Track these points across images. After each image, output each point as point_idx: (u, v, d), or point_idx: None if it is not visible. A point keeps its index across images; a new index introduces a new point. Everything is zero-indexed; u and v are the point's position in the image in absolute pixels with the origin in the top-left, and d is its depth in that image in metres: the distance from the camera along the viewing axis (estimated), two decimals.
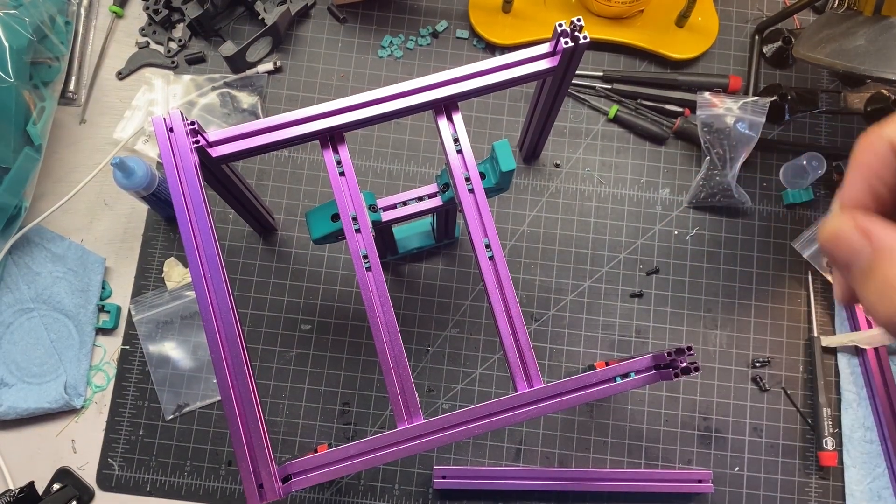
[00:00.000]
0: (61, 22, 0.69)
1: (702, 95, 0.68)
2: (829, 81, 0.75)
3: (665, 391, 0.67)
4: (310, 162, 0.72)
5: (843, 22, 0.59)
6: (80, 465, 0.65)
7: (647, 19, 0.74)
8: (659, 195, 0.72)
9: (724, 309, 0.69)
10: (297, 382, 0.67)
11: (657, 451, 0.66)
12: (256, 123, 0.48)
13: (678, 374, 0.40)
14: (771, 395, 0.67)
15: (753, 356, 0.68)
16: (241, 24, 0.75)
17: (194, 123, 0.47)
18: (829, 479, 0.65)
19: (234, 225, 0.70)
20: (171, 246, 0.69)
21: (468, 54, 0.75)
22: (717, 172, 0.69)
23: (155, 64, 0.74)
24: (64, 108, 0.72)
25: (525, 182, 0.72)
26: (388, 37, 0.75)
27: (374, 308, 0.47)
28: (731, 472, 0.66)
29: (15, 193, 0.64)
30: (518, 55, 0.50)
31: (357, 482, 0.65)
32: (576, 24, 0.48)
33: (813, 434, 0.66)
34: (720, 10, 0.76)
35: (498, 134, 0.73)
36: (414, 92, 0.49)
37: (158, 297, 0.67)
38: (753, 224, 0.71)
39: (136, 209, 0.70)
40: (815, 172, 0.68)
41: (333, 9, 0.75)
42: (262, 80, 0.73)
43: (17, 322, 0.67)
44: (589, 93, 0.74)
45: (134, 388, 0.66)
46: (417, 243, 0.68)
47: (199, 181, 0.46)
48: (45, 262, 0.68)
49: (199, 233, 0.46)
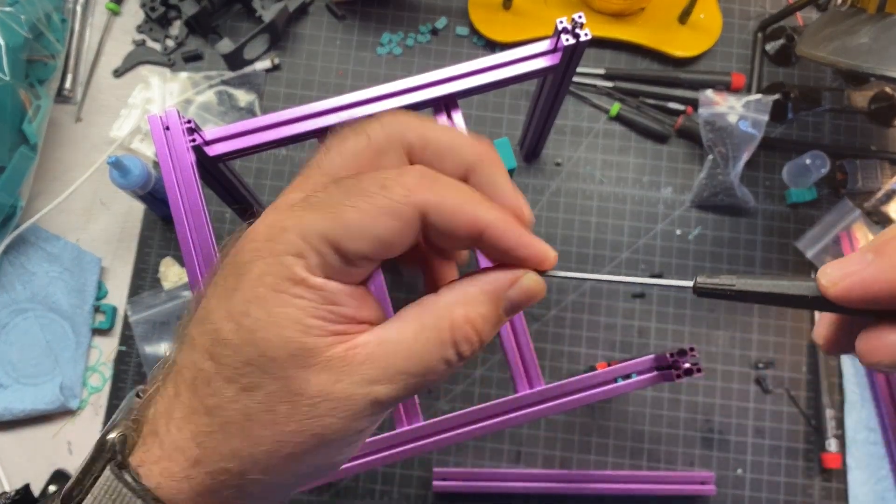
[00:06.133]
0: (57, 19, 0.68)
1: (704, 93, 0.68)
2: (832, 79, 0.75)
3: (667, 392, 0.66)
4: (308, 161, 0.71)
5: (846, 19, 0.59)
6: (76, 467, 0.64)
7: (648, 16, 0.74)
8: (661, 194, 0.71)
9: (726, 309, 0.68)
10: None
11: (659, 453, 0.65)
12: (254, 121, 0.47)
13: (680, 375, 0.40)
14: (774, 397, 0.66)
15: (756, 357, 0.67)
16: (239, 22, 0.75)
17: (191, 122, 0.46)
18: (832, 481, 0.65)
19: (231, 224, 0.69)
20: (167, 245, 0.69)
21: (468, 52, 0.74)
22: (720, 171, 0.68)
23: (151, 62, 0.73)
24: (60, 107, 0.72)
25: (526, 181, 0.71)
26: (387, 34, 0.74)
27: None
28: (733, 474, 0.65)
29: (10, 192, 0.64)
30: (518, 53, 0.49)
31: (355, 485, 0.64)
32: (577, 22, 0.48)
33: (816, 436, 0.65)
34: (723, 7, 0.75)
35: (498, 132, 0.72)
36: (413, 90, 0.49)
37: (155, 297, 0.67)
38: (756, 223, 0.70)
39: (133, 208, 0.70)
40: (819, 171, 0.67)
41: (332, 6, 0.74)
42: (260, 77, 0.72)
43: (13, 322, 0.66)
44: (590, 91, 0.73)
45: (130, 390, 0.65)
46: None
47: (195, 180, 0.46)
48: (40, 261, 0.67)
49: (195, 232, 0.45)
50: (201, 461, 0.24)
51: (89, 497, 0.24)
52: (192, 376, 0.24)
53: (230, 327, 0.23)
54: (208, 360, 0.23)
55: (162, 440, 0.24)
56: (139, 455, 0.25)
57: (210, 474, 0.24)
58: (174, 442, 0.24)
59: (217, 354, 0.23)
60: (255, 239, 0.24)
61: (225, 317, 0.23)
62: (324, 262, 0.23)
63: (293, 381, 0.23)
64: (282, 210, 0.24)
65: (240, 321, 0.23)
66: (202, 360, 0.24)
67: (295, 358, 0.23)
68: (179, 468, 0.24)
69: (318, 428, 0.23)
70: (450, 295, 0.25)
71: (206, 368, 0.23)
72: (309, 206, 0.24)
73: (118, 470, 0.24)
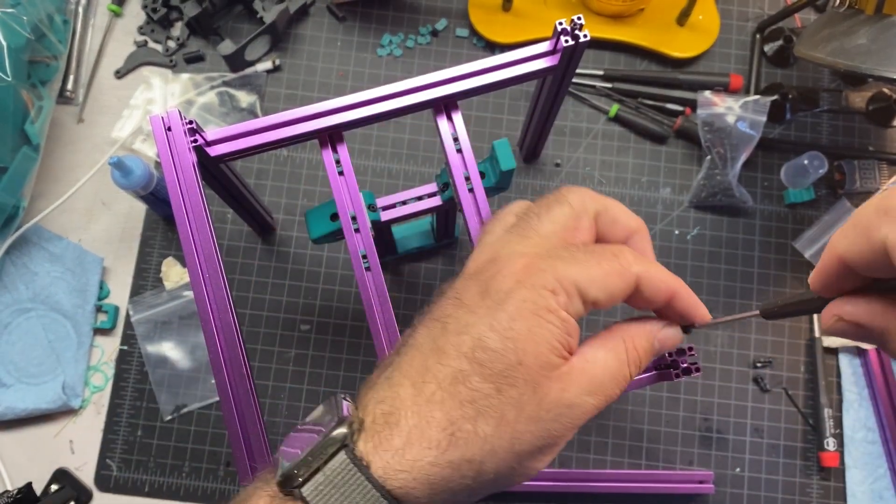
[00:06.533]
0: (59, 20, 0.69)
1: (703, 94, 0.68)
2: (830, 80, 0.75)
3: (666, 392, 0.67)
4: (309, 161, 0.71)
5: (844, 21, 0.59)
6: (77, 466, 0.65)
7: (647, 18, 0.74)
8: (660, 194, 0.71)
9: (724, 309, 0.69)
10: (295, 383, 0.66)
11: (658, 452, 0.66)
12: (255, 122, 0.48)
13: (679, 374, 0.40)
14: (772, 396, 0.67)
15: (754, 357, 0.67)
16: (240, 23, 0.75)
17: (192, 122, 0.46)
18: (830, 479, 0.65)
19: (233, 224, 0.70)
20: (169, 245, 0.69)
21: (468, 53, 0.75)
22: (718, 172, 0.68)
23: (153, 63, 0.74)
24: (62, 107, 0.72)
25: (525, 181, 0.71)
26: (388, 35, 0.74)
27: (374, 308, 0.47)
28: (732, 473, 0.65)
29: (13, 193, 0.64)
30: (518, 54, 0.50)
31: None
32: (576, 23, 0.48)
33: (814, 435, 0.66)
34: (721, 8, 0.75)
35: (498, 133, 0.73)
36: (413, 91, 0.49)
37: (157, 296, 0.67)
38: (754, 224, 0.71)
39: (135, 208, 0.70)
40: (817, 172, 0.68)
41: (332, 7, 0.75)
42: (261, 78, 0.72)
43: (15, 322, 0.66)
44: (589, 92, 0.73)
45: (132, 389, 0.66)
46: (417, 243, 0.67)
47: (197, 180, 0.46)
48: (42, 261, 0.67)
49: (197, 232, 0.46)
50: (450, 447, 0.28)
51: (320, 475, 0.28)
52: (450, 375, 0.29)
53: (494, 337, 0.29)
54: (467, 363, 0.29)
55: (406, 431, 0.28)
56: (367, 447, 0.29)
57: (451, 464, 0.28)
58: (422, 432, 0.28)
59: (478, 358, 0.29)
60: (516, 273, 0.30)
61: (488, 329, 0.29)
62: (569, 301, 0.30)
63: (540, 387, 0.29)
64: (531, 256, 0.31)
65: (503, 333, 0.29)
66: (461, 363, 0.29)
67: (542, 368, 0.29)
68: (421, 456, 0.28)
69: (547, 430, 0.29)
70: (625, 331, 0.33)
71: (466, 369, 0.29)
72: (559, 259, 0.30)
73: (353, 455, 0.28)
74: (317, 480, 0.28)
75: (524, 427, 0.29)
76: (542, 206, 0.33)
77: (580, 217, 0.33)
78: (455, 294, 0.32)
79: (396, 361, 0.31)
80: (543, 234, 0.32)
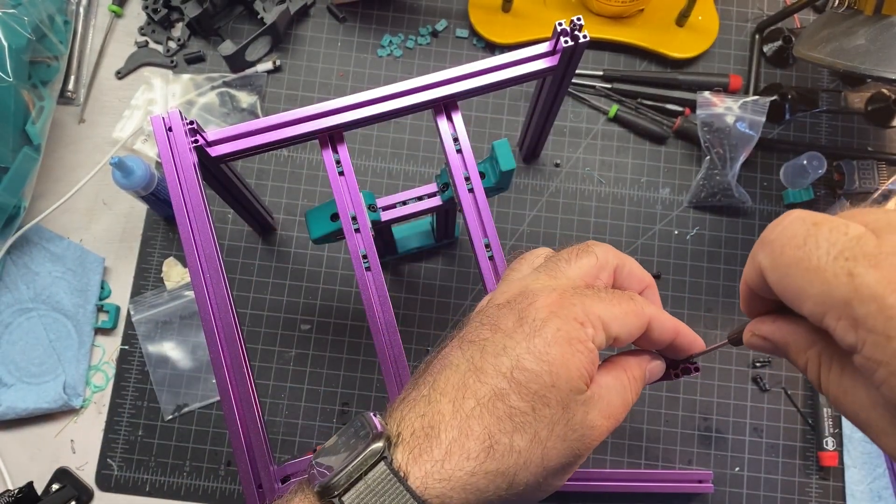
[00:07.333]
0: (60, 21, 0.69)
1: (702, 95, 0.68)
2: (829, 81, 0.75)
3: (665, 391, 0.67)
4: (309, 161, 0.71)
5: (843, 21, 0.59)
6: (79, 466, 0.65)
7: (647, 18, 0.74)
8: (659, 195, 0.72)
9: (724, 309, 0.69)
10: (296, 382, 0.67)
11: (657, 452, 0.66)
12: (255, 123, 0.48)
13: (678, 374, 0.40)
14: (771, 396, 0.67)
15: (754, 356, 0.68)
16: (241, 24, 0.75)
17: (193, 123, 0.47)
18: (829, 479, 0.65)
19: (234, 224, 0.70)
20: (170, 245, 0.69)
21: (468, 53, 0.75)
22: (718, 172, 0.68)
23: (154, 63, 0.74)
24: (63, 108, 0.72)
25: (525, 182, 0.71)
26: (388, 36, 0.75)
27: (374, 308, 0.47)
28: (731, 473, 0.65)
29: (14, 193, 0.64)
30: (518, 54, 0.50)
31: None
32: (575, 24, 0.48)
33: (813, 434, 0.66)
34: (720, 9, 0.75)
35: (498, 133, 0.73)
36: (413, 91, 0.49)
37: (157, 296, 0.67)
38: (754, 224, 0.71)
39: (135, 208, 0.70)
40: (816, 172, 0.68)
41: (333, 8, 0.75)
42: (262, 79, 0.73)
43: (16, 322, 0.67)
44: (589, 92, 0.74)
45: (133, 389, 0.66)
46: (417, 243, 0.68)
47: (197, 181, 0.46)
48: (44, 261, 0.68)
49: (197, 232, 0.46)
50: (488, 458, 0.30)
51: (361, 483, 0.30)
52: (489, 392, 0.31)
53: (531, 359, 0.31)
54: (506, 382, 0.31)
55: (447, 443, 0.30)
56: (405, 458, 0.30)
57: (488, 475, 0.30)
58: (462, 444, 0.30)
59: (516, 378, 0.31)
60: (550, 305, 0.33)
61: (526, 352, 0.32)
62: (595, 334, 0.33)
63: (568, 409, 0.32)
64: (561, 291, 0.34)
65: (540, 357, 0.31)
66: (500, 381, 0.31)
67: (571, 392, 0.32)
68: (460, 466, 0.30)
69: (571, 449, 0.32)
70: (624, 361, 0.37)
71: (504, 387, 0.31)
72: (586, 296, 0.34)
73: (391, 466, 0.30)
74: (358, 489, 0.30)
75: (553, 444, 0.31)
76: (571, 254, 0.37)
77: (603, 267, 0.37)
78: (491, 321, 0.34)
79: (431, 380, 0.33)
80: (571, 276, 0.36)
